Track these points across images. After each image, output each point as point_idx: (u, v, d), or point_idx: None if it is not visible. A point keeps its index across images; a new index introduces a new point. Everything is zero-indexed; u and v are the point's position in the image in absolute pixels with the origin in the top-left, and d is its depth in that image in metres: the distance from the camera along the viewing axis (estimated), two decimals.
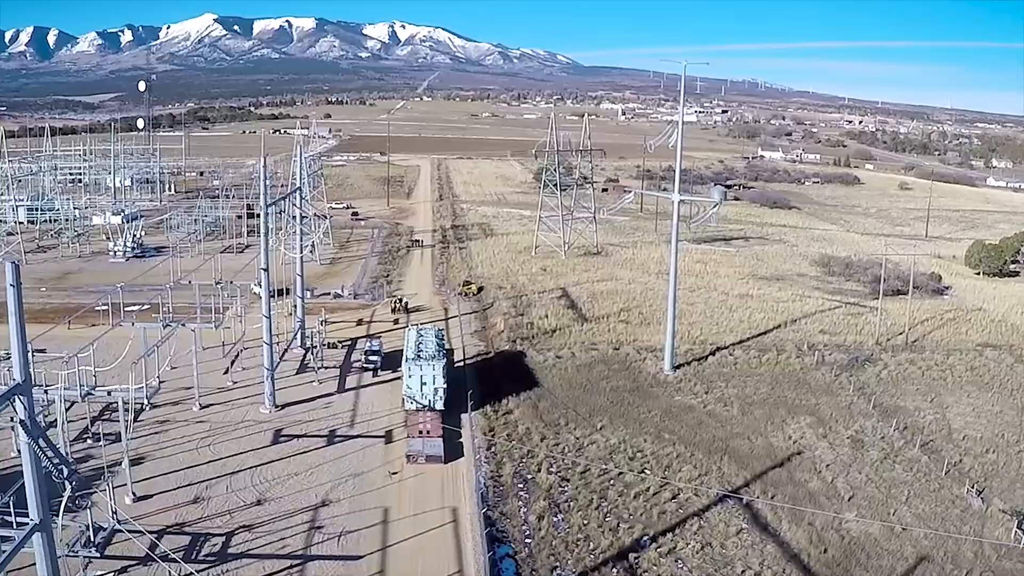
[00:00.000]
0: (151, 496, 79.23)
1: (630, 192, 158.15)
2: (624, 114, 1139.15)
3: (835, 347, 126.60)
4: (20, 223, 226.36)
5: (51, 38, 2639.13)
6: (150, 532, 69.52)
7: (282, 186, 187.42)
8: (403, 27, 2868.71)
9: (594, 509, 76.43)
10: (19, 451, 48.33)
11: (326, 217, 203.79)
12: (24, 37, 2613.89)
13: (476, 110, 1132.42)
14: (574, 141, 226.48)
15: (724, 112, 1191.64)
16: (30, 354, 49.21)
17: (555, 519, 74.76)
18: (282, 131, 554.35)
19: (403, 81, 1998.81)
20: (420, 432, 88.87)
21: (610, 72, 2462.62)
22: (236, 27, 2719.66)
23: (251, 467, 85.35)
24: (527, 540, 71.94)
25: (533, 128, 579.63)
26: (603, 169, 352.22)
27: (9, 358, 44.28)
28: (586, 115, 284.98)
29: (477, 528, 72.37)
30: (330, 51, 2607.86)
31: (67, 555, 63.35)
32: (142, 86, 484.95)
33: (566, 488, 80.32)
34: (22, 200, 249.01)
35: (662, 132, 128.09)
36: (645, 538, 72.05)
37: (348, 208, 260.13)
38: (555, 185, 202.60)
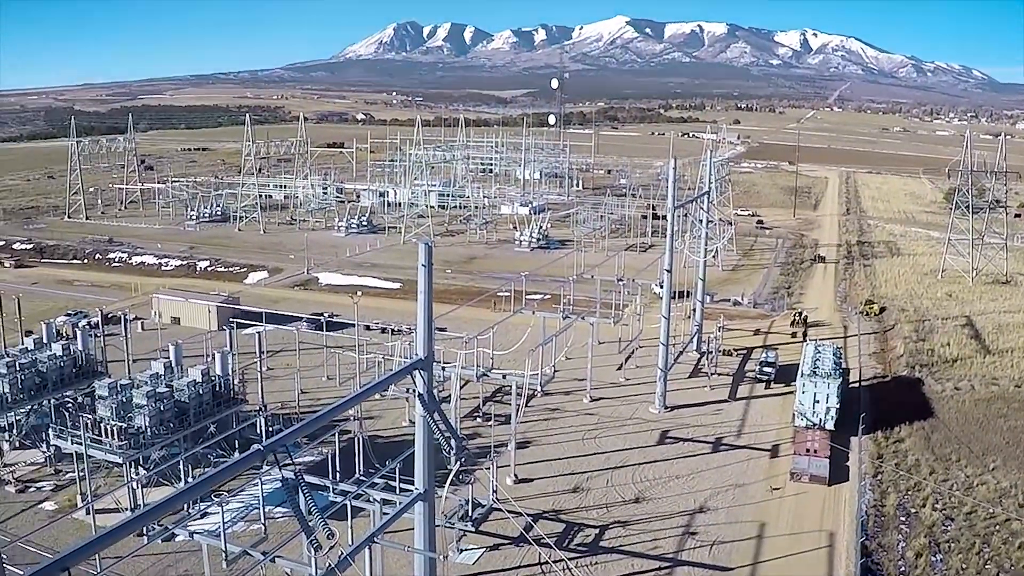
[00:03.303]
0: (532, 480, 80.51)
1: None
2: None
3: None
4: (431, 207, 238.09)
5: (467, 35, 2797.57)
6: (527, 514, 70.09)
7: (689, 189, 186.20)
8: (815, 35, 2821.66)
9: (975, 554, 69.80)
10: (411, 422, 49.04)
11: (731, 223, 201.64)
12: (442, 33, 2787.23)
13: (887, 124, 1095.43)
14: (988, 162, 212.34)
15: None
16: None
17: (933, 559, 68.95)
18: (690, 135, 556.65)
19: (813, 90, 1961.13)
20: (807, 450, 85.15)
21: None
22: (648, 30, 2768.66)
23: (633, 464, 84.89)
24: None
25: (945, 145, 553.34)
26: (1017, 193, 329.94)
27: (411, 332, 45.10)
28: (1002, 135, 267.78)
29: (852, 558, 68.21)
30: (741, 57, 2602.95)
31: (444, 525, 64.61)
32: (555, 83, 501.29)
33: (948, 527, 74.00)
34: (435, 186, 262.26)
35: None
36: None
37: (753, 216, 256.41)
38: (966, 207, 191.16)
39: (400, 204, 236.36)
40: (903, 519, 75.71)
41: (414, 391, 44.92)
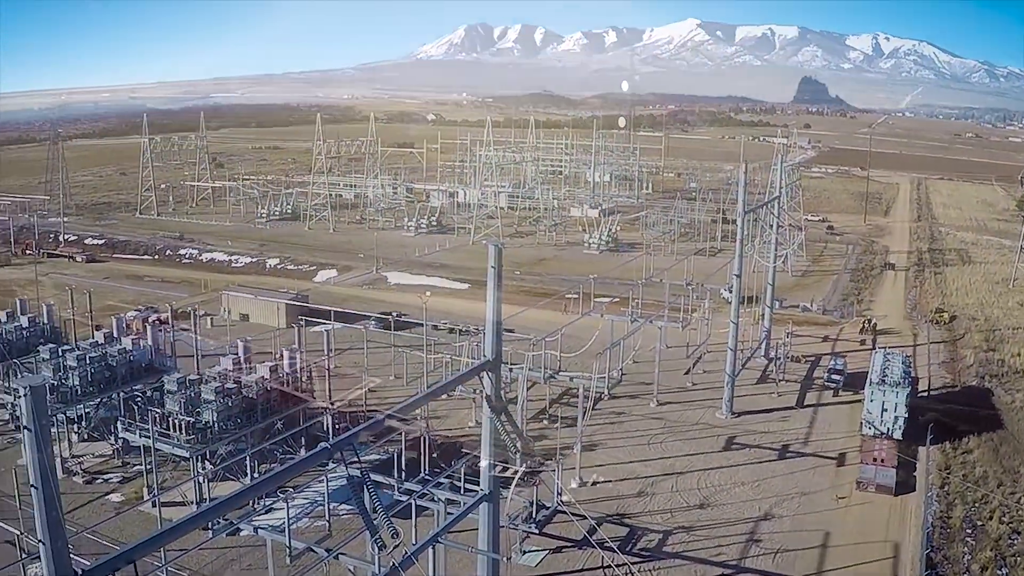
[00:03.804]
0: (597, 483, 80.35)
1: None
2: None
3: None
4: (500, 208, 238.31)
5: (538, 36, 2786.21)
6: (591, 518, 69.64)
7: (759, 194, 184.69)
8: (887, 39, 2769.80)
9: None
10: (477, 422, 48.93)
11: (801, 229, 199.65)
12: (512, 34, 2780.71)
13: (959, 129, 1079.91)
14: None
15: None
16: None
17: (999, 572, 67.96)
18: (761, 139, 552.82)
19: (885, 95, 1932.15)
20: (874, 459, 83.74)
21: None
22: (719, 32, 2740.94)
23: (699, 470, 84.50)
24: None
25: (1018, 152, 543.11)
26: None
27: (478, 333, 45.06)
28: None
29: (917, 569, 67.23)
30: (812, 60, 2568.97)
31: (508, 527, 64.45)
32: (625, 86, 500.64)
33: (1015, 541, 72.78)
34: (504, 187, 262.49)
35: None
36: None
37: (823, 221, 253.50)
38: None
39: (469, 205, 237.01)
40: (969, 531, 74.62)
41: (481, 392, 44.88)
